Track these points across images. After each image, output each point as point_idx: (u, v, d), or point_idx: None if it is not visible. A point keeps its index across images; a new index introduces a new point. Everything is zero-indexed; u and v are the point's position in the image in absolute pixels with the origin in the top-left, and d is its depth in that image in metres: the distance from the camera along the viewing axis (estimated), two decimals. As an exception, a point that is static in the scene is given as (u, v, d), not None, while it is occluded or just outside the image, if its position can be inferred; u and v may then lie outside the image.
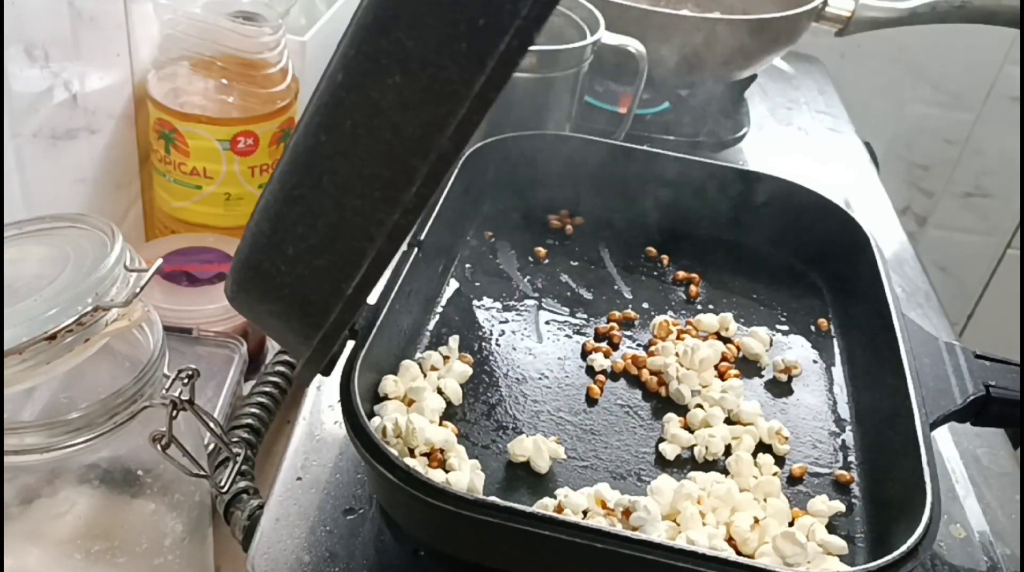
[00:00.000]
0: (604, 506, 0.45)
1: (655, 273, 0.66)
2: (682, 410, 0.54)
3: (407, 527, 0.40)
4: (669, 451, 0.51)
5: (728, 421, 0.53)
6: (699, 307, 0.63)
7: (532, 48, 0.64)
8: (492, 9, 0.29)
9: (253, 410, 0.55)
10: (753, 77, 0.92)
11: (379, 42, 0.31)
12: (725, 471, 0.50)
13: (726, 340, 0.60)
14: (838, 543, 0.45)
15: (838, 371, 0.59)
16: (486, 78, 0.30)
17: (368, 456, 0.40)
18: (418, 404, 0.49)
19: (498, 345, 0.57)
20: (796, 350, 0.60)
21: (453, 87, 0.30)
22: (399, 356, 0.53)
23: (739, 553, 0.44)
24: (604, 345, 0.58)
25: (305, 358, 0.37)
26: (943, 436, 0.57)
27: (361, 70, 0.32)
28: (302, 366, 0.37)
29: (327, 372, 0.40)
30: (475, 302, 0.60)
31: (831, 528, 0.47)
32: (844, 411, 0.55)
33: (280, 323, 0.37)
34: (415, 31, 0.30)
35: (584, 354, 0.57)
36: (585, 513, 0.45)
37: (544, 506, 0.45)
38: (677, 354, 0.56)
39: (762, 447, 0.52)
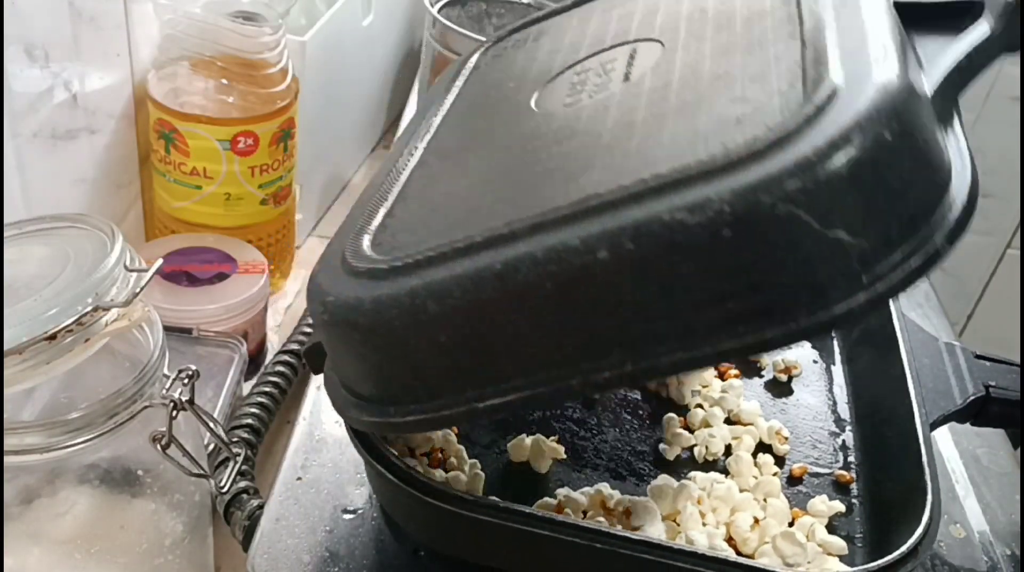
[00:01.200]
0: (604, 506, 0.45)
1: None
2: (682, 410, 0.54)
3: (407, 527, 0.40)
4: (669, 451, 0.51)
5: (728, 421, 0.53)
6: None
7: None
8: (781, 297, 0.29)
9: (253, 410, 0.55)
10: (753, 77, 0.92)
11: (670, 257, 0.30)
12: (725, 471, 0.50)
13: (726, 340, 0.60)
14: (838, 543, 0.45)
15: (838, 371, 0.59)
16: (735, 346, 0.30)
17: (368, 456, 0.40)
18: (418, 404, 0.49)
19: (498, 345, 0.57)
20: (796, 350, 0.60)
21: (699, 331, 0.30)
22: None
23: (739, 553, 0.44)
24: (604, 345, 0.58)
25: (378, 420, 0.36)
26: (943, 436, 0.57)
27: (643, 262, 0.30)
28: (369, 420, 0.36)
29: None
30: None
31: (831, 528, 0.47)
32: (844, 411, 0.55)
33: (370, 373, 0.36)
34: (692, 268, 0.30)
35: (584, 354, 0.57)
36: (585, 513, 0.45)
37: (544, 506, 0.45)
38: (677, 354, 0.56)
39: (762, 447, 0.52)
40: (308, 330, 0.63)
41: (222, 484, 0.43)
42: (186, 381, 0.40)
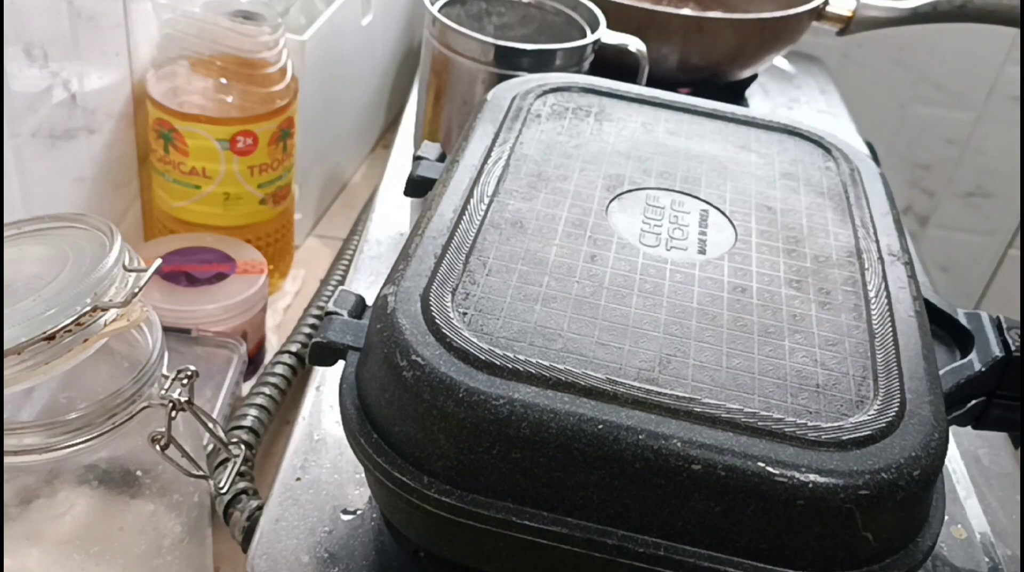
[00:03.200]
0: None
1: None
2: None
3: (406, 532, 0.40)
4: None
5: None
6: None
7: (532, 47, 0.64)
8: (804, 558, 0.34)
9: (252, 411, 0.55)
10: (754, 76, 0.92)
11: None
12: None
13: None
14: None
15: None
16: None
17: (366, 462, 0.40)
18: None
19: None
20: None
21: (729, 552, 0.34)
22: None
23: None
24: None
25: (411, 485, 0.36)
26: (944, 437, 0.57)
27: (723, 490, 0.34)
28: (401, 479, 0.36)
29: None
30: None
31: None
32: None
33: (424, 441, 0.35)
34: (757, 512, 0.34)
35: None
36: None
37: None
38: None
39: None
40: (308, 330, 0.63)
41: (221, 485, 0.43)
42: (185, 381, 0.39)
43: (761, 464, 0.34)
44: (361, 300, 0.42)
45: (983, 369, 0.44)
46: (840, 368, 0.38)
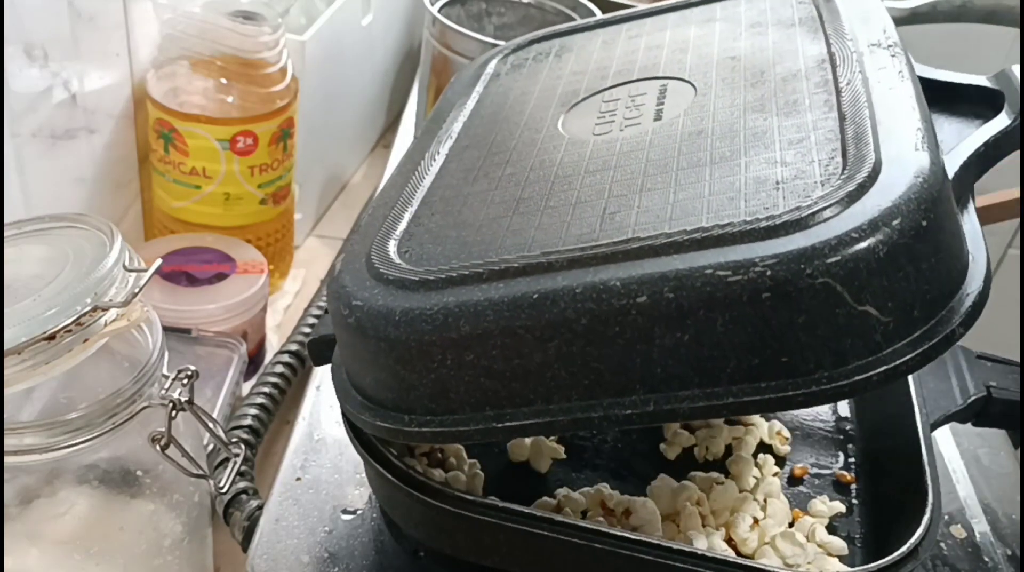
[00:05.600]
0: (604, 506, 0.45)
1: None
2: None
3: (406, 527, 0.40)
4: (669, 451, 0.50)
5: (729, 421, 0.53)
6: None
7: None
8: (805, 361, 0.31)
9: (252, 410, 0.55)
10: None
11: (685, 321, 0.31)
12: (725, 471, 0.50)
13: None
14: (838, 544, 0.45)
15: (838, 371, 0.59)
16: (756, 400, 0.31)
17: (367, 455, 0.40)
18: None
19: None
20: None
21: (722, 382, 0.31)
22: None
23: (739, 554, 0.44)
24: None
25: (393, 428, 0.36)
26: (943, 436, 0.57)
27: (679, 311, 0.31)
28: (383, 426, 0.36)
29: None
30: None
31: (831, 529, 0.47)
32: (845, 411, 0.55)
33: (390, 381, 0.36)
34: (725, 323, 0.31)
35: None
36: (585, 513, 0.45)
37: (544, 506, 0.45)
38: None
39: (763, 447, 0.52)
40: (307, 330, 0.63)
41: (221, 484, 0.43)
42: (185, 381, 0.39)
43: (708, 271, 0.30)
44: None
45: (1016, 119, 0.40)
46: (804, 159, 0.35)
